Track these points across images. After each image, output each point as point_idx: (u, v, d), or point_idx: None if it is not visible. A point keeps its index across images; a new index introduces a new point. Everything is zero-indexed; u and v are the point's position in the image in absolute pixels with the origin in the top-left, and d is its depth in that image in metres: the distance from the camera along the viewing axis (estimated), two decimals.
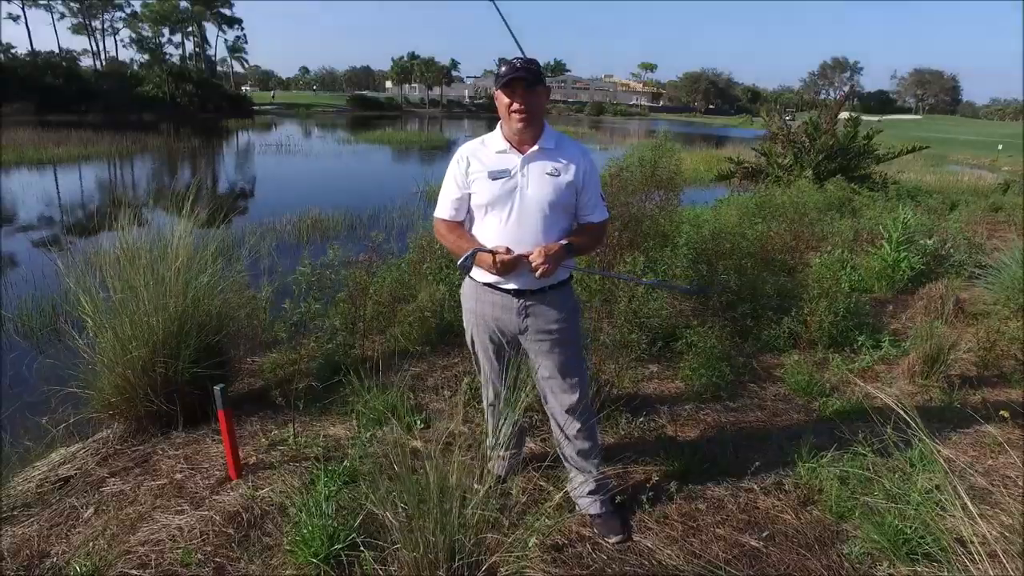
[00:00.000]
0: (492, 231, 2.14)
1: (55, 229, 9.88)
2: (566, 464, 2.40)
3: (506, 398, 2.39)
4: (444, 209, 2.21)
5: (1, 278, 6.60)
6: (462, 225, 2.24)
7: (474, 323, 2.31)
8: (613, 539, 2.27)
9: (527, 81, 2.03)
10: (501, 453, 2.52)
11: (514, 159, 2.12)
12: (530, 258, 2.05)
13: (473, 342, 2.37)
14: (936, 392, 3.58)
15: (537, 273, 2.04)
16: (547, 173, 2.11)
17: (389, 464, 1.95)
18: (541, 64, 2.14)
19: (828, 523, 2.42)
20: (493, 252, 2.06)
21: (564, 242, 2.11)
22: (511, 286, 2.16)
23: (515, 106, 2.04)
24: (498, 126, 2.18)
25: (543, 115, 2.14)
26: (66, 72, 46.12)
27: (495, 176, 2.10)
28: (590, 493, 2.35)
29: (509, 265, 2.06)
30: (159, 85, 47.82)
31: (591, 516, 2.35)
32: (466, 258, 2.03)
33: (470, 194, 2.16)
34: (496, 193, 2.10)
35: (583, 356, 2.31)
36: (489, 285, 2.20)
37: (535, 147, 2.11)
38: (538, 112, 2.09)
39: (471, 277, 2.25)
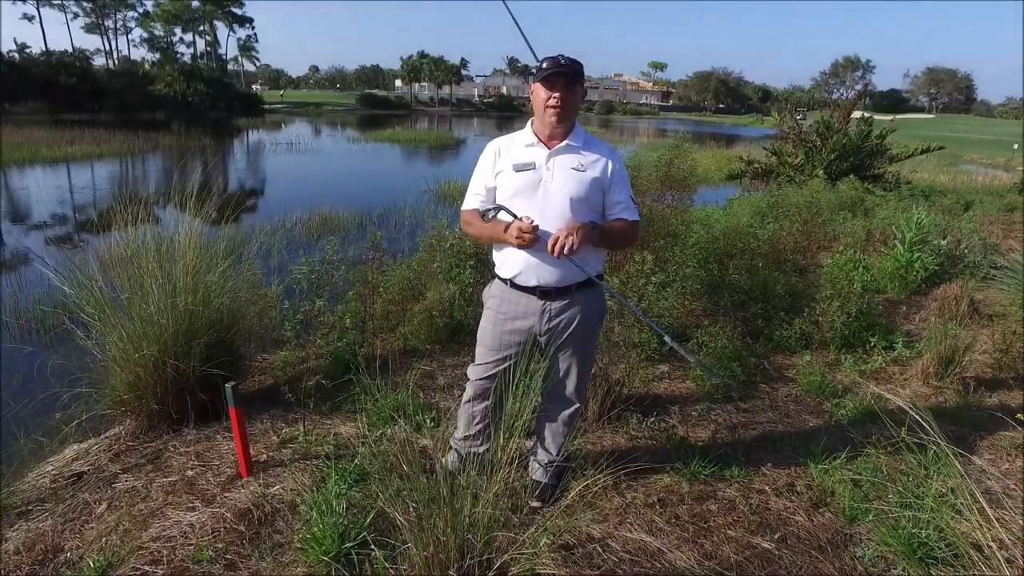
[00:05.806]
0: None
1: (68, 226, 9.98)
2: (537, 445, 2.47)
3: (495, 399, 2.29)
4: (471, 201, 2.24)
5: (2, 275, 6.66)
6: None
7: (493, 320, 2.26)
8: (534, 503, 2.36)
9: (568, 77, 2.04)
10: (463, 445, 2.46)
11: (541, 153, 2.12)
12: (555, 234, 1.97)
13: (486, 335, 2.30)
14: (951, 394, 3.54)
15: (557, 247, 1.94)
16: (572, 168, 2.11)
17: (399, 463, 1.95)
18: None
19: (841, 526, 2.40)
20: (520, 219, 2.03)
21: (591, 223, 2.07)
22: (533, 283, 2.14)
23: (552, 100, 2.04)
24: (528, 122, 2.19)
25: (576, 114, 2.14)
26: (79, 71, 46.47)
27: (519, 168, 2.11)
28: (541, 464, 2.44)
29: (528, 239, 2.00)
30: (171, 84, 48.07)
31: (533, 481, 2.43)
32: (489, 210, 2.11)
33: (496, 187, 2.17)
34: (520, 185, 2.11)
35: (590, 365, 2.30)
36: (516, 286, 2.18)
37: (563, 142, 2.12)
38: (572, 109, 2.10)
39: (497, 276, 2.25)
